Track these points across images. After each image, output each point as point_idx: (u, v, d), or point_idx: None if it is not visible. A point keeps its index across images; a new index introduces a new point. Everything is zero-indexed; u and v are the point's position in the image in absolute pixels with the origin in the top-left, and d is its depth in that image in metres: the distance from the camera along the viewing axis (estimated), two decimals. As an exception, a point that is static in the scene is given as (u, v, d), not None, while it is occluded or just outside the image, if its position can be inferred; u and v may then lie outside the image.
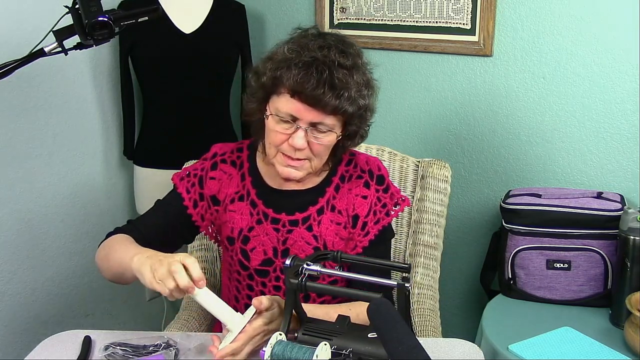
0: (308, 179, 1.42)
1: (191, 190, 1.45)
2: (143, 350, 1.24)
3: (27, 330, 2.17)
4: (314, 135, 1.27)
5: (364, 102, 1.30)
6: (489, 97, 2.09)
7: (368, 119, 1.36)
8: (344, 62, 1.25)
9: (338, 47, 1.27)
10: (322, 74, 1.21)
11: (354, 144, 1.39)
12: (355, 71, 1.27)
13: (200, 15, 2.18)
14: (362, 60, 1.32)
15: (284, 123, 1.28)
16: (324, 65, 1.22)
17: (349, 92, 1.24)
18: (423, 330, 1.62)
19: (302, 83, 1.21)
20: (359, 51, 1.33)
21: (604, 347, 1.56)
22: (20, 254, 2.12)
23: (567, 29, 1.91)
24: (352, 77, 1.26)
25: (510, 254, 1.83)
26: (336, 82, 1.22)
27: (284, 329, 1.10)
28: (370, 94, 1.33)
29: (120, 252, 1.28)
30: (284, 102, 1.26)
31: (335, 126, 1.28)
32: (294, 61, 1.24)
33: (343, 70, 1.24)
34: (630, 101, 1.86)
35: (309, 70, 1.22)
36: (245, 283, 1.44)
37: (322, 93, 1.21)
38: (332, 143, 1.32)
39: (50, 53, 1.37)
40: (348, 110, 1.26)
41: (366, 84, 1.31)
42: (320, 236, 1.39)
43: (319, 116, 1.25)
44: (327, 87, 1.22)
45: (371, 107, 1.34)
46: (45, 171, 2.16)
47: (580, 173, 1.98)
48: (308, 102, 1.23)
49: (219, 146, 1.49)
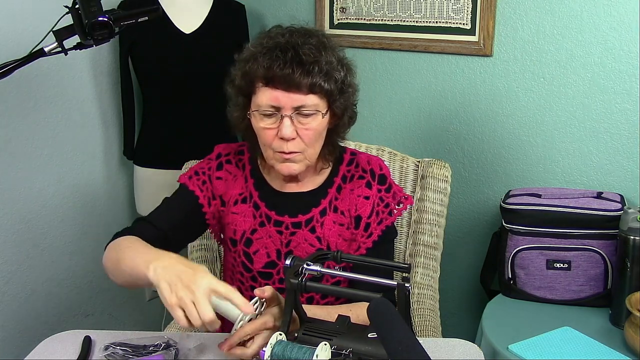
0: (309, 179, 1.42)
1: (203, 189, 1.43)
2: (143, 350, 1.24)
3: (27, 330, 2.17)
4: (300, 122, 1.27)
5: (340, 76, 1.29)
6: (489, 97, 2.09)
7: (351, 95, 1.35)
8: (309, 41, 1.26)
9: (301, 32, 1.29)
10: (287, 54, 1.23)
11: (344, 126, 1.38)
12: (323, 48, 1.27)
13: (200, 15, 2.19)
14: (330, 44, 1.31)
15: (268, 117, 1.28)
16: (288, 46, 1.24)
17: (319, 65, 1.24)
18: (423, 330, 1.62)
19: (269, 67, 1.23)
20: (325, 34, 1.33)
21: (604, 347, 1.56)
22: (20, 254, 2.12)
23: (567, 29, 1.91)
24: (319, 53, 1.26)
25: (510, 254, 1.83)
26: (303, 58, 1.23)
27: (284, 329, 1.10)
28: (347, 70, 1.32)
29: (133, 257, 1.17)
30: (262, 95, 1.27)
31: (318, 106, 1.27)
32: (258, 51, 1.26)
33: (308, 46, 1.25)
34: (630, 101, 1.86)
35: (273, 54, 1.24)
36: (249, 285, 1.44)
37: (291, 72, 1.22)
38: (321, 127, 1.30)
39: (50, 53, 1.37)
40: (324, 86, 1.26)
41: (339, 62, 1.30)
42: (323, 238, 1.39)
43: (299, 98, 1.25)
44: (295, 65, 1.22)
45: (352, 84, 1.34)
46: (45, 171, 2.16)
47: (580, 173, 1.98)
48: (282, 85, 1.24)
49: (223, 146, 1.49)
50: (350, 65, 1.35)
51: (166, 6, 2.12)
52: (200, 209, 1.42)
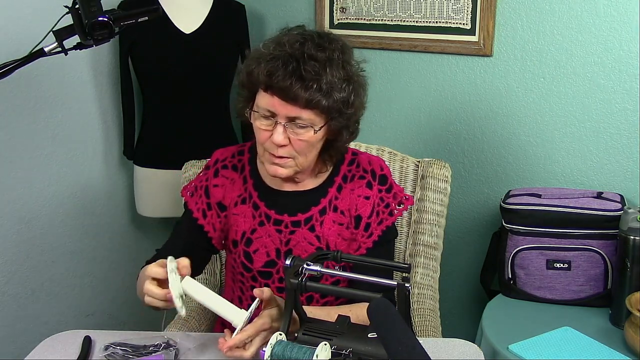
0: (308, 179, 1.42)
1: (199, 202, 1.45)
2: (143, 350, 1.25)
3: (27, 330, 2.17)
4: (293, 131, 1.27)
5: (341, 96, 1.27)
6: (489, 97, 2.09)
7: (352, 115, 1.32)
8: (317, 55, 1.24)
9: (315, 41, 1.27)
10: (288, 66, 1.22)
11: (343, 141, 1.36)
12: (329, 65, 1.25)
13: (200, 15, 2.19)
14: (344, 57, 1.30)
15: (264, 119, 1.28)
16: (292, 58, 1.23)
17: (319, 84, 1.23)
18: (423, 330, 1.62)
19: (269, 76, 1.23)
20: (343, 47, 1.31)
21: (604, 347, 1.56)
22: (20, 254, 2.12)
23: (567, 29, 1.91)
24: (324, 69, 1.24)
25: (510, 254, 1.83)
26: (304, 74, 1.22)
27: (284, 329, 1.10)
28: (352, 89, 1.30)
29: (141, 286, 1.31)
30: (261, 98, 1.27)
31: (314, 122, 1.26)
32: (264, 56, 1.25)
33: (313, 62, 1.23)
34: (630, 101, 1.86)
35: (276, 63, 1.23)
36: (249, 284, 1.44)
37: (290, 85, 1.21)
38: (314, 140, 1.29)
39: (50, 53, 1.37)
40: (322, 103, 1.24)
41: (345, 79, 1.28)
42: (322, 237, 1.39)
43: (295, 110, 1.24)
44: (294, 78, 1.21)
45: (353, 102, 1.31)
46: (45, 171, 2.16)
47: (580, 173, 1.98)
48: (280, 95, 1.23)
49: (220, 152, 1.50)
50: (359, 84, 1.32)
51: (166, 6, 2.12)
52: (196, 222, 1.44)
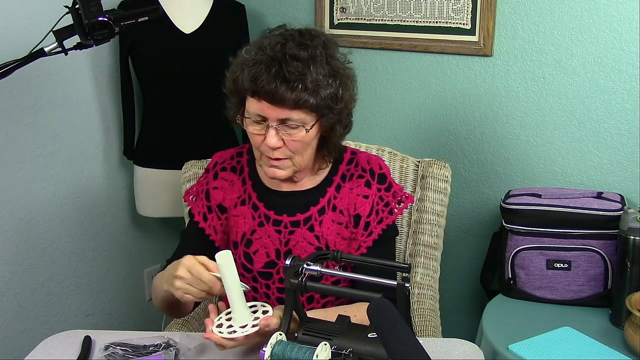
0: (308, 179, 1.42)
1: (199, 206, 1.46)
2: (143, 350, 1.24)
3: (27, 330, 2.17)
4: (286, 132, 1.27)
5: (328, 92, 1.26)
6: (489, 97, 2.09)
7: (342, 109, 1.32)
8: (299, 54, 1.24)
9: (296, 40, 1.27)
10: (271, 69, 1.22)
11: (338, 136, 1.36)
12: (313, 62, 1.25)
13: (200, 15, 2.18)
14: (328, 52, 1.29)
15: (256, 124, 1.29)
16: (274, 61, 1.23)
17: (304, 83, 1.22)
18: (423, 330, 1.62)
19: (254, 81, 1.23)
20: (326, 43, 1.30)
21: (604, 347, 1.56)
22: (20, 254, 2.12)
23: (567, 28, 1.91)
24: (308, 68, 1.24)
25: (510, 254, 1.83)
26: (288, 75, 1.22)
27: (284, 329, 1.10)
28: (339, 83, 1.29)
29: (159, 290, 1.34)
30: (250, 103, 1.28)
31: (304, 121, 1.26)
32: (247, 62, 1.26)
33: (296, 63, 1.23)
34: (630, 101, 1.86)
35: (259, 68, 1.23)
36: (250, 285, 1.44)
37: (275, 87, 1.21)
38: (308, 139, 1.29)
39: (50, 53, 1.37)
40: (310, 101, 1.24)
41: (331, 74, 1.27)
42: (322, 236, 1.39)
43: (284, 112, 1.24)
44: (279, 81, 1.22)
45: (342, 96, 1.30)
46: (45, 171, 2.16)
47: (580, 173, 1.98)
48: (267, 99, 1.23)
49: (219, 154, 1.51)
50: (347, 76, 1.32)
51: (166, 6, 2.12)
52: (197, 225, 1.46)
